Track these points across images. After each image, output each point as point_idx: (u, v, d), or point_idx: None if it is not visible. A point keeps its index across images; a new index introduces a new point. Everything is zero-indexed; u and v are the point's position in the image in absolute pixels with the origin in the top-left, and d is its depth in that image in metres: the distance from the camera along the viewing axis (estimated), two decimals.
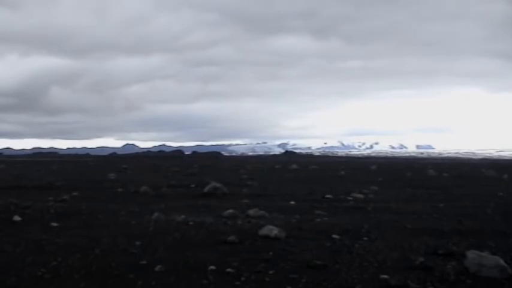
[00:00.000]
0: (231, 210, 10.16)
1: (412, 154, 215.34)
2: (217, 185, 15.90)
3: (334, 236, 7.63)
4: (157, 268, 5.66)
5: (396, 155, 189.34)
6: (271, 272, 5.53)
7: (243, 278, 5.29)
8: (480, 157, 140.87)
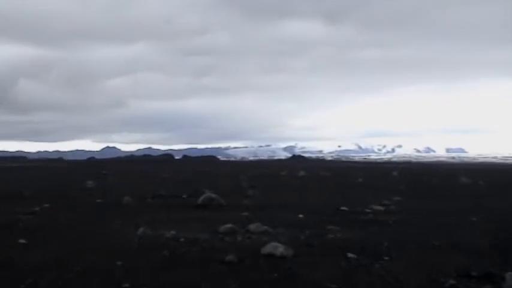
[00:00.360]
0: (229, 225, 10.18)
1: (441, 159, 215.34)
2: (213, 195, 15.95)
3: (350, 254, 7.63)
4: None
5: (422, 160, 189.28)
6: None
7: None
8: None
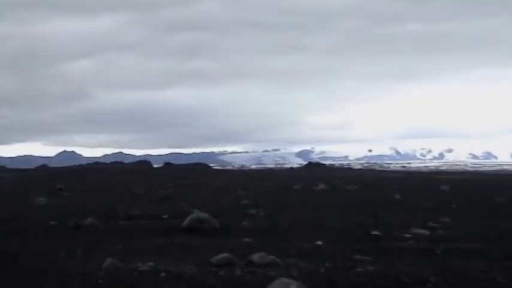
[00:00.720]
0: (224, 254, 10.21)
1: (505, 167, 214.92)
2: (203, 215, 15.93)
3: None
4: None
5: (480, 169, 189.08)
6: None
7: None
8: None
